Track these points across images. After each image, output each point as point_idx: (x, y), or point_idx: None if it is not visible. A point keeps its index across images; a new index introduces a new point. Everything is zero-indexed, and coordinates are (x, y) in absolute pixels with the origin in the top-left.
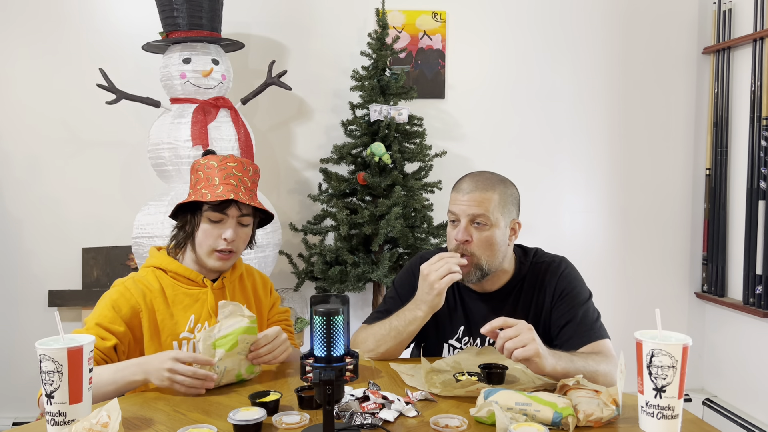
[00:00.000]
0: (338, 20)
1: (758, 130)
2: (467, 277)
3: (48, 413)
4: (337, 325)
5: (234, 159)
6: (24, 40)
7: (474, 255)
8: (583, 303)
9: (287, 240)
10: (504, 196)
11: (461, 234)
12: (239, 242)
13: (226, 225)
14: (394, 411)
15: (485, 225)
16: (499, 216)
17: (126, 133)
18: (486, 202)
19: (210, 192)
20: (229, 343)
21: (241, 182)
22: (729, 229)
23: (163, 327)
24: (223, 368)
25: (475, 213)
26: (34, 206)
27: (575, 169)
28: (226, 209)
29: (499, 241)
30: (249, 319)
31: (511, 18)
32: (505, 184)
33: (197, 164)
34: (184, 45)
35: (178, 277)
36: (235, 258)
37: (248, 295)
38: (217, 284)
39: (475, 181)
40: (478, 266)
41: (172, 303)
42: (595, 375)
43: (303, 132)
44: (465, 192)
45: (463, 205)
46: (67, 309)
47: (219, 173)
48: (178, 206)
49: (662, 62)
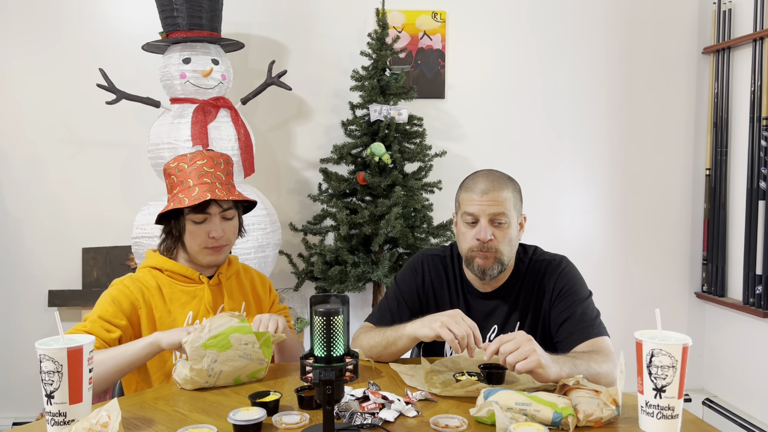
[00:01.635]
0: (338, 20)
1: (758, 130)
2: (489, 270)
3: (48, 413)
4: (337, 325)
5: (202, 156)
6: (24, 40)
7: (498, 251)
8: (583, 300)
9: (287, 240)
10: (515, 193)
11: (484, 233)
12: (228, 235)
13: (210, 223)
14: (394, 411)
15: (504, 223)
16: (515, 213)
17: (126, 133)
18: (504, 201)
19: (187, 196)
20: (220, 344)
21: (215, 178)
22: (729, 229)
23: (161, 324)
24: (219, 371)
25: (495, 212)
26: (34, 206)
27: (575, 168)
28: (206, 209)
29: (515, 237)
30: (238, 318)
31: (511, 18)
32: (512, 181)
33: (168, 168)
34: (184, 45)
35: (174, 275)
36: (228, 249)
37: (246, 292)
38: (213, 280)
39: (490, 181)
40: (499, 261)
41: (170, 300)
42: (597, 376)
43: (303, 132)
44: (481, 192)
45: (482, 205)
46: (67, 309)
47: (191, 174)
48: (160, 215)
49: (662, 62)
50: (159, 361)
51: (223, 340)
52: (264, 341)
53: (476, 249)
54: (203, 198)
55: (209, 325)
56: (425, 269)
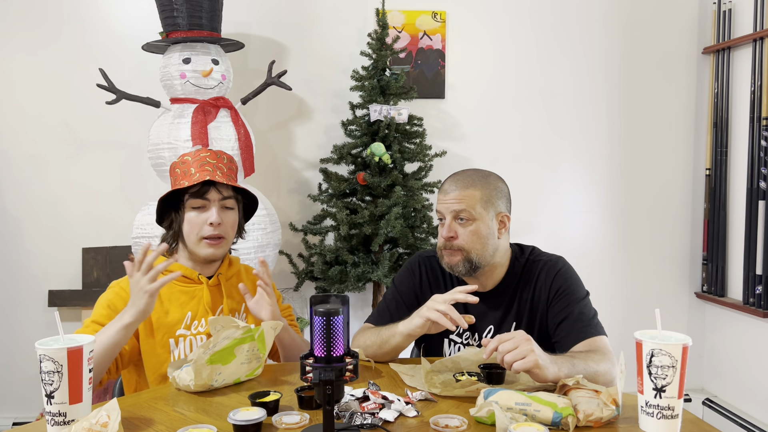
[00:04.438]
0: (338, 20)
1: (758, 130)
2: (455, 267)
3: (48, 413)
4: (337, 325)
5: (206, 150)
6: (24, 40)
7: (462, 249)
8: (580, 300)
9: (287, 240)
10: (486, 190)
11: (447, 230)
12: (226, 227)
13: (209, 209)
14: (394, 411)
15: (468, 220)
16: (482, 210)
17: (126, 133)
18: (467, 198)
19: (187, 180)
20: (224, 358)
21: (216, 168)
22: (729, 229)
23: (159, 325)
24: (222, 379)
25: (457, 209)
26: (34, 206)
27: (575, 169)
28: (206, 194)
29: (485, 233)
30: (243, 330)
31: (511, 18)
32: (487, 179)
33: (173, 164)
34: (184, 45)
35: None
36: (226, 245)
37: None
38: (213, 281)
39: (456, 181)
40: (467, 259)
41: (168, 300)
42: (595, 375)
43: (303, 132)
44: (447, 192)
45: (446, 203)
46: (67, 309)
47: (194, 164)
48: (162, 204)
49: (662, 62)
50: (156, 363)
51: (227, 354)
52: (258, 336)
53: (443, 247)
54: (203, 179)
55: (213, 339)
56: (422, 270)
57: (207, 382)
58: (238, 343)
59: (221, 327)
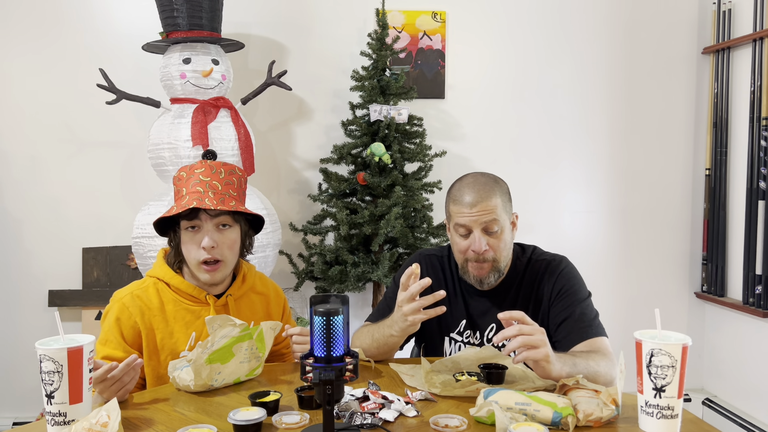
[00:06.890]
0: (338, 20)
1: (758, 130)
2: (486, 279)
3: (48, 413)
4: (337, 325)
5: (201, 164)
6: (24, 40)
7: (494, 260)
8: (582, 301)
9: (287, 240)
10: (503, 196)
11: (479, 245)
12: (222, 249)
13: (202, 233)
14: (394, 411)
15: (498, 230)
16: (506, 216)
17: (126, 133)
18: (494, 208)
19: (177, 204)
20: (223, 356)
21: (209, 187)
22: (729, 229)
23: (163, 346)
24: (222, 379)
25: (487, 220)
26: (34, 206)
27: (575, 169)
28: (195, 217)
29: (509, 239)
30: (240, 328)
31: (511, 18)
32: (498, 183)
33: (174, 178)
34: (184, 45)
35: (180, 293)
36: (225, 268)
37: (256, 311)
38: (220, 301)
39: (476, 191)
40: (496, 269)
41: (173, 320)
42: (595, 375)
43: (303, 132)
44: (470, 204)
45: (472, 216)
46: (67, 309)
47: (187, 182)
48: (159, 225)
49: (662, 62)
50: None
51: (226, 353)
52: (257, 336)
53: (472, 260)
54: (189, 206)
55: (211, 339)
56: (423, 269)
57: (207, 381)
58: (237, 341)
59: (218, 326)
